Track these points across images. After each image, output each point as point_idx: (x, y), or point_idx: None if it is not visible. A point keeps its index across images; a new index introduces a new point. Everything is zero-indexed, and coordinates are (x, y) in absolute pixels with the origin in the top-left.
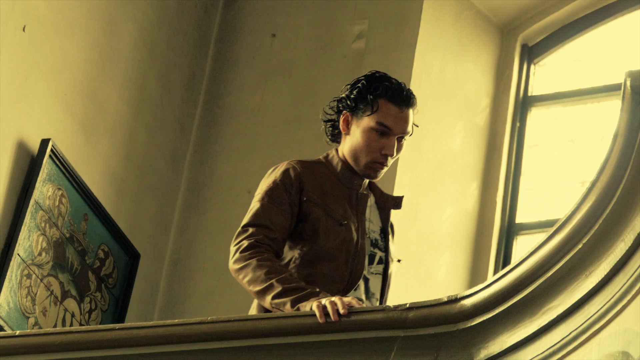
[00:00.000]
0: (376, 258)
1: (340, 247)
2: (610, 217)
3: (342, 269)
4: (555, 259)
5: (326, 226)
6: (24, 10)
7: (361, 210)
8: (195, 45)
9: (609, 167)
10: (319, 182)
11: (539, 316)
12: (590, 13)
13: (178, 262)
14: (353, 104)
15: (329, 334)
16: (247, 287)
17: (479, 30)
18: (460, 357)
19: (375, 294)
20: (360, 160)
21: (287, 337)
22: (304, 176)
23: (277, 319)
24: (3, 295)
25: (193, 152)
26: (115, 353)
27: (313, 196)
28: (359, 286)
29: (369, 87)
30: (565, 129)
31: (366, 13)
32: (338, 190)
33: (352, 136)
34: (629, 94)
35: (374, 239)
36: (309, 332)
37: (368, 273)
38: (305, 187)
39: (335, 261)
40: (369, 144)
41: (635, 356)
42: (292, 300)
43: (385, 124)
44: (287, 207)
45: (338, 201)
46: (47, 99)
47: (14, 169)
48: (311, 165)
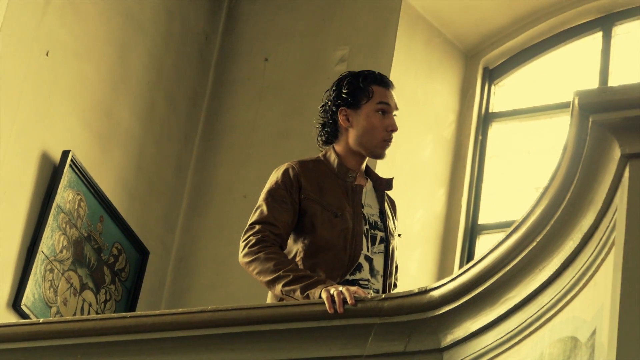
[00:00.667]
0: (377, 239)
1: (338, 237)
2: (560, 218)
3: (341, 256)
4: (513, 255)
5: (322, 219)
6: (47, 38)
7: (357, 200)
8: (197, 68)
9: (560, 175)
10: (316, 179)
11: (498, 305)
12: (543, 40)
13: (182, 258)
14: (350, 97)
15: (312, 321)
16: (258, 278)
17: (446, 55)
18: (430, 341)
19: (379, 272)
20: (372, 141)
21: (275, 324)
22: (302, 175)
23: (267, 309)
24: (29, 287)
25: (196, 161)
26: (127, 338)
27: (310, 194)
28: (363, 267)
29: (357, 80)
30: (521, 142)
31: (347, 40)
32: (334, 183)
33: (356, 126)
34: (577, 111)
35: (373, 222)
36: (294, 319)
37: (372, 254)
38: (303, 185)
39: (334, 249)
40: (376, 126)
41: (582, 340)
42: (302, 287)
43: (386, 101)
44: (289, 204)
45: (334, 194)
46: (67, 116)
47: (38, 177)
48: (309, 163)
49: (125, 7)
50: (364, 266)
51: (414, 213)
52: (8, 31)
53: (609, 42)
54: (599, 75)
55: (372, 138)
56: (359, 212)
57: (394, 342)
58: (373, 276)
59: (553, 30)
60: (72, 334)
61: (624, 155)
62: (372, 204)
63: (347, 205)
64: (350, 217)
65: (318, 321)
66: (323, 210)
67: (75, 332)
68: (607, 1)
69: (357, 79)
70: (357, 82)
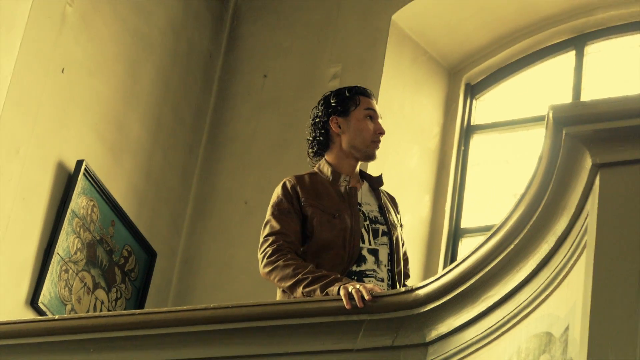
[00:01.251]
0: (379, 232)
1: (337, 236)
2: (536, 223)
3: (341, 254)
4: (492, 257)
5: (322, 221)
6: (63, 56)
7: (353, 201)
8: (201, 84)
9: (536, 183)
10: (312, 187)
11: (479, 303)
12: (521, 58)
13: (188, 259)
14: (339, 106)
15: (307, 318)
16: (280, 285)
17: (431, 72)
18: (415, 336)
19: (383, 262)
20: (364, 143)
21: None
22: (298, 185)
23: (265, 306)
24: (46, 286)
25: (200, 170)
26: (136, 333)
27: (309, 200)
28: (367, 259)
29: (344, 91)
30: (500, 152)
31: (340, 58)
32: (330, 189)
33: (348, 131)
34: (552, 124)
35: (373, 217)
36: (290, 316)
37: (376, 245)
38: (300, 194)
39: (334, 248)
40: (366, 129)
41: (556, 335)
42: (321, 287)
43: (372, 108)
44: (293, 213)
45: (330, 198)
46: (81, 128)
47: (54, 185)
48: (304, 176)
49: (135, 28)
50: (368, 258)
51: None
52: (26, 50)
53: (581, 60)
54: (572, 91)
55: (363, 140)
56: (356, 212)
57: (382, 337)
58: (378, 266)
59: (530, 49)
60: (85, 329)
61: (594, 164)
62: (370, 202)
63: (345, 207)
64: (348, 217)
65: (313, 318)
66: (322, 213)
67: (88, 327)
68: (580, 22)
69: (343, 91)
70: (343, 93)
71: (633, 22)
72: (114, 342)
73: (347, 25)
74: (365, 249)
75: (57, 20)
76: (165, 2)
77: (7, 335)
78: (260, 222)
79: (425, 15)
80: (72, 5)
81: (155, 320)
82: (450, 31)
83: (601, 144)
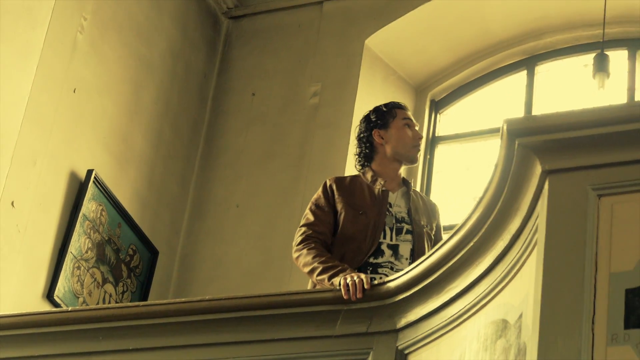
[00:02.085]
0: (403, 230)
1: (360, 230)
2: (493, 223)
3: (362, 246)
4: (454, 253)
5: (348, 216)
6: (75, 77)
7: (384, 202)
8: (197, 101)
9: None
10: (349, 187)
11: (443, 294)
12: (480, 77)
13: (186, 256)
14: (379, 120)
15: (292, 308)
16: (303, 270)
17: (400, 90)
18: (387, 324)
19: (404, 256)
20: (405, 147)
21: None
22: (335, 184)
23: (255, 298)
24: (60, 281)
25: (196, 178)
26: (140, 323)
27: (341, 197)
28: (385, 253)
29: (381, 108)
30: (461, 160)
31: (319, 77)
32: (365, 191)
33: (390, 140)
34: (506, 135)
35: (400, 218)
36: (276, 307)
37: (397, 241)
38: (335, 191)
39: (357, 240)
40: (406, 136)
41: (511, 322)
42: (329, 277)
43: (408, 117)
44: (327, 207)
45: (362, 198)
46: (91, 141)
47: (67, 192)
48: (346, 178)
49: (138, 52)
50: (386, 252)
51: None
52: (42, 72)
53: (532, 79)
54: (524, 106)
55: (405, 145)
56: (383, 211)
57: (358, 325)
58: (398, 259)
59: (487, 69)
60: (95, 320)
61: (544, 171)
62: (401, 204)
63: (373, 206)
64: (374, 214)
65: (296, 308)
66: (349, 209)
67: (98, 318)
68: (530, 45)
69: (380, 107)
70: (381, 109)
71: (578, 45)
72: (121, 331)
73: (325, 49)
74: (385, 244)
75: (69, 46)
76: (165, 30)
77: (27, 326)
78: (251, 223)
79: (395, 40)
80: (83, 33)
81: (158, 311)
82: (416, 54)
83: (550, 152)
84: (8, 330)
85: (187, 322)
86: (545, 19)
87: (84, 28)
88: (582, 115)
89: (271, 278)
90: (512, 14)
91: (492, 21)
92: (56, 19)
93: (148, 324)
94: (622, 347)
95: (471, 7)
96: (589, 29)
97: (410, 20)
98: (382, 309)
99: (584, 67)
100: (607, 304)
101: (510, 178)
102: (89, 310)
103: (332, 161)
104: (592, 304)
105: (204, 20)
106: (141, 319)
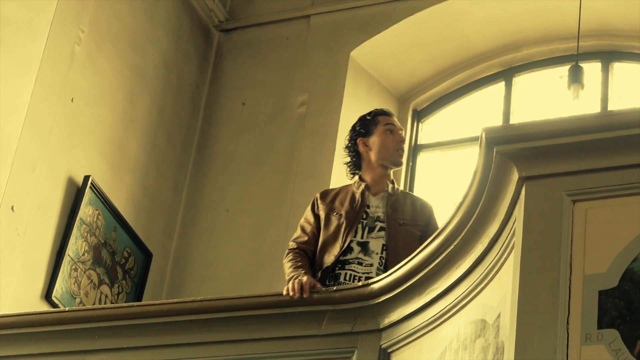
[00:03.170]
0: (376, 229)
1: (335, 232)
2: (472, 227)
3: (336, 245)
4: (435, 256)
5: (327, 219)
6: (72, 87)
7: (362, 204)
8: (190, 110)
9: (471, 193)
10: (333, 196)
11: (425, 295)
12: (459, 87)
13: (179, 259)
14: (362, 129)
15: (279, 308)
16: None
17: (384, 100)
18: (371, 323)
19: (375, 251)
20: (388, 152)
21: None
22: (320, 197)
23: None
24: (58, 283)
25: (189, 183)
26: (135, 322)
27: (323, 205)
28: (353, 250)
29: (365, 117)
30: (442, 167)
31: (307, 88)
32: (348, 197)
33: (373, 147)
34: (484, 143)
35: (376, 217)
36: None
37: (368, 238)
38: (319, 203)
39: (331, 241)
40: (389, 141)
41: (490, 322)
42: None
43: (391, 122)
44: (312, 218)
45: (341, 201)
46: (88, 148)
47: (65, 197)
48: (332, 190)
49: (133, 63)
50: (354, 249)
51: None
52: (41, 83)
53: (510, 90)
54: (502, 115)
55: (387, 150)
56: (358, 212)
57: (343, 324)
58: (368, 255)
59: (467, 80)
60: (91, 319)
61: (521, 177)
62: (380, 205)
63: (350, 209)
64: (347, 216)
65: (283, 308)
66: (328, 214)
67: (94, 318)
68: (508, 57)
69: (365, 116)
70: (365, 118)
71: (553, 57)
72: (116, 330)
73: (312, 60)
74: (355, 242)
75: (67, 58)
76: (159, 42)
77: (26, 325)
78: (240, 227)
79: (379, 52)
80: (80, 44)
81: (151, 311)
82: (399, 65)
83: (526, 160)
84: (8, 329)
85: (180, 322)
86: (522, 33)
87: (81, 40)
88: (558, 125)
89: (260, 279)
90: (491, 28)
91: (472, 34)
92: (55, 32)
93: (142, 323)
94: (596, 346)
95: (452, 21)
96: (564, 42)
97: (394, 34)
98: (366, 310)
99: (560, 79)
100: (581, 304)
101: (488, 184)
102: (85, 310)
103: (318, 168)
104: (567, 305)
105: (196, 33)
106: (136, 318)
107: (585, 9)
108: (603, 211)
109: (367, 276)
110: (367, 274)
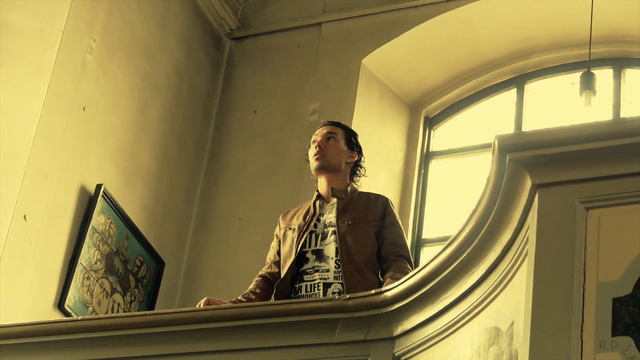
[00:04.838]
0: (329, 234)
1: (289, 245)
2: (485, 234)
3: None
4: (449, 264)
5: (284, 236)
6: (84, 96)
7: (314, 213)
8: (201, 119)
9: (484, 200)
10: (294, 214)
11: (438, 303)
12: (471, 94)
13: (191, 267)
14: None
15: (293, 316)
16: None
17: (396, 107)
18: (384, 332)
19: (329, 256)
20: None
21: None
22: (281, 218)
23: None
24: (70, 291)
25: (201, 192)
26: (147, 331)
27: (283, 224)
28: (309, 259)
29: None
30: (455, 174)
31: (318, 96)
32: (306, 210)
33: None
34: (497, 151)
35: (328, 223)
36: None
37: (321, 245)
38: (280, 224)
39: (288, 257)
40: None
41: (503, 329)
42: None
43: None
44: (275, 242)
45: (298, 217)
46: (100, 157)
47: (77, 205)
48: (293, 209)
49: (145, 72)
50: (310, 258)
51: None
52: (53, 92)
53: (522, 96)
54: (514, 122)
55: (310, 159)
56: (308, 221)
57: (356, 333)
58: (323, 261)
59: (479, 87)
60: (104, 328)
61: (534, 185)
62: (332, 211)
63: (303, 221)
64: (299, 228)
65: (297, 317)
66: (285, 230)
67: (107, 326)
68: (520, 64)
69: None
70: None
71: (565, 64)
72: (129, 339)
73: (324, 68)
74: (310, 251)
75: (78, 67)
76: (171, 51)
77: (38, 334)
78: (253, 235)
79: (390, 60)
80: (92, 53)
81: (164, 320)
82: (411, 73)
83: (539, 167)
84: (21, 338)
85: (192, 330)
86: (533, 39)
87: (93, 49)
88: (570, 132)
89: None
90: (502, 35)
91: (483, 42)
92: (66, 41)
93: (155, 332)
94: (610, 354)
95: (463, 28)
96: (575, 48)
97: (405, 41)
98: (379, 317)
99: (571, 85)
100: (595, 312)
101: (501, 192)
102: (98, 319)
103: None
104: (581, 312)
105: (207, 41)
106: (148, 327)
107: (596, 15)
108: (616, 218)
109: (325, 282)
110: (325, 280)
